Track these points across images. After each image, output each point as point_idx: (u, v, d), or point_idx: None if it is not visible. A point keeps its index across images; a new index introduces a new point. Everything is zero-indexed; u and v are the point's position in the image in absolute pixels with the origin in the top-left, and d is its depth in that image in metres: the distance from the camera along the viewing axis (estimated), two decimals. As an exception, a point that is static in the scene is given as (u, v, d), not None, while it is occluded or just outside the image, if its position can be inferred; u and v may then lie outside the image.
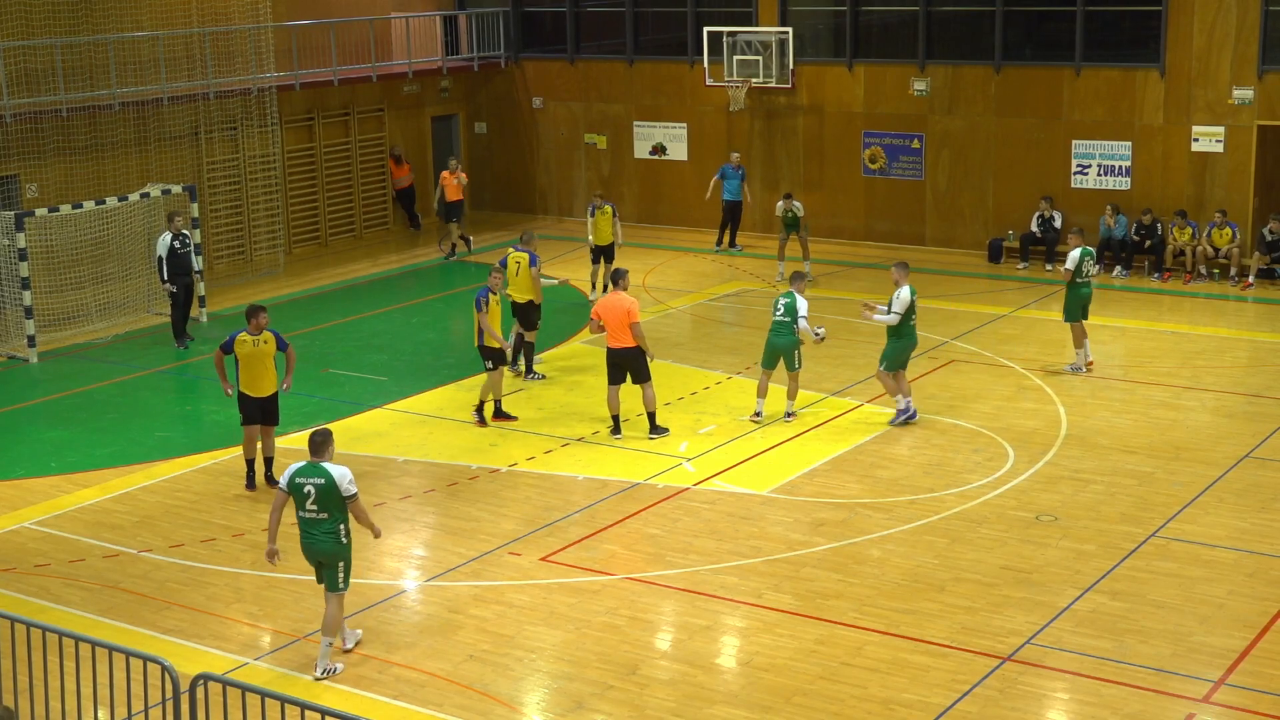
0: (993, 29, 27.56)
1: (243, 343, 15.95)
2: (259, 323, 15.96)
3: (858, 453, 17.21)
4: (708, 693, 11.76)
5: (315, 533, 11.98)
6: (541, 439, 17.97)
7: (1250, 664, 11.99)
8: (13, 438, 18.60)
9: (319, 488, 11.91)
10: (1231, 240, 25.24)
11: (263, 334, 16.00)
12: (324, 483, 11.90)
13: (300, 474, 11.99)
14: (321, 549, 12.00)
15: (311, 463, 12.04)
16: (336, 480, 11.88)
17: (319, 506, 11.92)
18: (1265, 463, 16.65)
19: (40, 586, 13.93)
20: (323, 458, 12.05)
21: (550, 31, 32.94)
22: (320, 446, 12.10)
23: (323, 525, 11.95)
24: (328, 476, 11.91)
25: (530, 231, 21.25)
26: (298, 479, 11.98)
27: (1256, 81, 25.29)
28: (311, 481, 11.93)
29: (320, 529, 11.96)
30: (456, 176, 28.63)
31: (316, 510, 11.93)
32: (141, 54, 25.94)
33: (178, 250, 22.19)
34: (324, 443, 12.13)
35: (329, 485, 11.88)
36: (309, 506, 11.94)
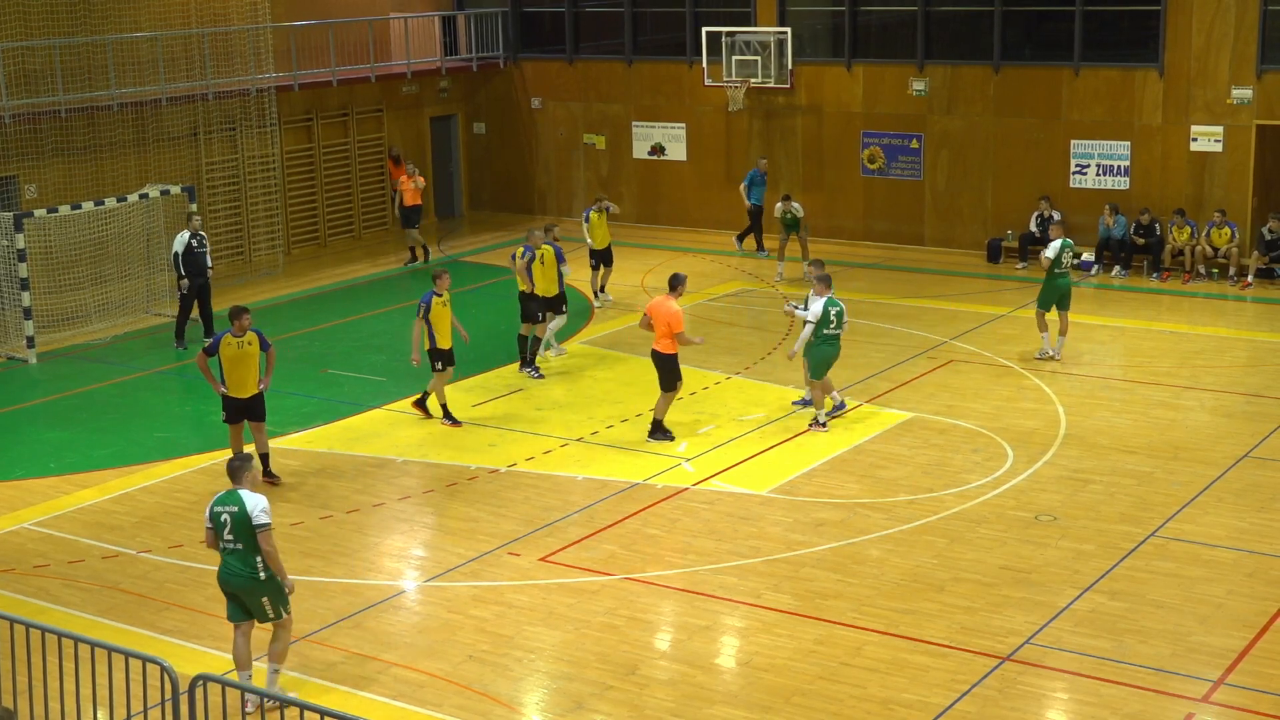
0: (991, 29, 27.57)
1: (228, 344, 15.95)
2: (242, 324, 15.96)
3: (857, 453, 17.22)
4: (707, 693, 11.76)
5: (231, 564, 11.20)
6: (541, 439, 17.97)
7: (1249, 664, 11.99)
8: (12, 438, 18.60)
9: (233, 516, 11.12)
10: (1230, 240, 25.24)
11: (246, 335, 16.02)
12: (237, 511, 11.11)
13: (218, 502, 11.26)
14: (237, 583, 11.23)
15: (229, 490, 11.30)
16: (249, 509, 11.08)
17: (234, 537, 11.14)
18: (1264, 462, 16.65)
19: (39, 587, 13.93)
20: (240, 484, 11.25)
21: (549, 32, 32.94)
22: (237, 472, 11.30)
23: (239, 556, 11.18)
24: (241, 505, 11.11)
25: (553, 225, 21.90)
26: (215, 508, 11.24)
27: (1255, 81, 25.30)
28: (227, 510, 11.15)
29: (236, 560, 11.20)
30: (414, 180, 27.90)
31: (233, 541, 11.15)
32: (140, 55, 25.94)
33: (195, 249, 22.24)
34: (241, 468, 11.32)
35: (242, 514, 11.09)
36: (226, 536, 11.17)
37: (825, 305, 17.73)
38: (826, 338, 17.75)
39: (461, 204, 33.64)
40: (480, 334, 23.31)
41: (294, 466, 17.27)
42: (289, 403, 19.63)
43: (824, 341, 17.77)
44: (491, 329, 23.57)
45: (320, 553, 14.66)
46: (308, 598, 13.61)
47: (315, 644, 12.66)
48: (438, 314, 18.26)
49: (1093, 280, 25.91)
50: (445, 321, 18.35)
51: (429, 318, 18.23)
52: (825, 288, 17.90)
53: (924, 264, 27.45)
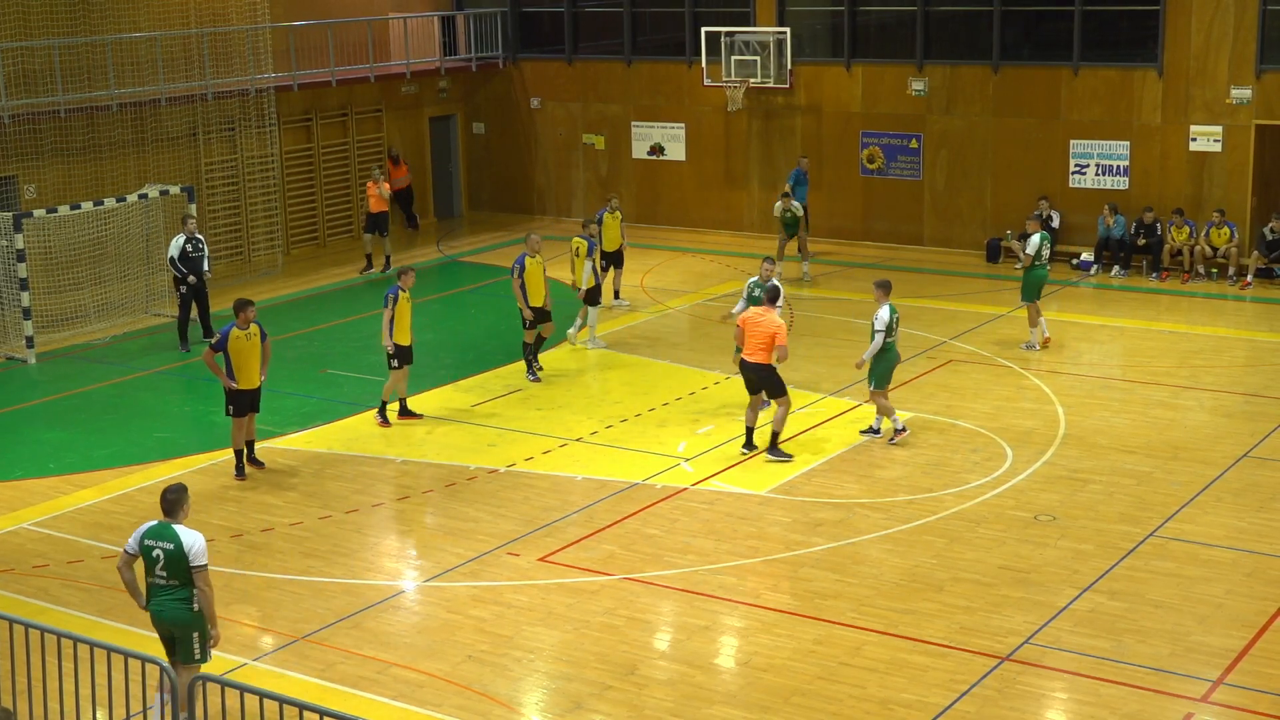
0: (991, 29, 27.57)
1: (236, 338, 16.37)
2: (248, 316, 16.38)
3: (856, 453, 17.22)
4: (706, 693, 11.76)
5: (165, 600, 10.69)
6: (540, 439, 17.97)
7: (1249, 663, 11.99)
8: (11, 439, 18.60)
9: (167, 554, 10.58)
10: (1229, 240, 25.25)
11: (250, 327, 16.48)
12: (173, 549, 10.57)
13: (150, 535, 10.69)
14: (172, 618, 10.69)
15: (163, 523, 10.71)
16: (186, 548, 10.54)
17: (167, 575, 10.62)
18: (1263, 462, 16.66)
19: (39, 587, 13.93)
20: (175, 518, 10.70)
21: (548, 32, 32.95)
22: (174, 506, 10.73)
23: (171, 592, 10.67)
24: (177, 542, 10.56)
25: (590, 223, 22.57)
26: (147, 541, 10.68)
27: (1254, 81, 25.30)
28: (160, 546, 10.60)
29: (170, 596, 10.68)
30: (379, 187, 27.18)
31: (167, 577, 10.63)
32: (139, 55, 25.94)
33: (190, 254, 22.22)
34: (177, 501, 10.76)
35: (177, 553, 10.56)
36: (158, 572, 10.64)
37: (890, 312, 17.31)
38: (889, 344, 17.33)
39: (461, 204, 33.63)
40: (480, 334, 23.36)
41: (293, 466, 17.28)
42: (289, 403, 19.64)
43: (887, 349, 17.33)
44: (491, 329, 23.60)
45: (320, 553, 14.67)
46: (307, 598, 13.62)
47: (314, 644, 12.67)
48: (400, 310, 18.35)
49: (1092, 280, 25.92)
50: (406, 319, 18.45)
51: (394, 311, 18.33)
52: (885, 294, 17.41)
53: (923, 264, 27.45)
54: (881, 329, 17.16)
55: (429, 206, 32.65)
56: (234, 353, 16.35)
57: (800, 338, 22.31)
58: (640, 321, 23.57)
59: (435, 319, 24.46)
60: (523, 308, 19.95)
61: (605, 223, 24.19)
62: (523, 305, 19.94)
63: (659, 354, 21.58)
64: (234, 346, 16.34)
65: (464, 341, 22.90)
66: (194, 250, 22.31)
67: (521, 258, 19.96)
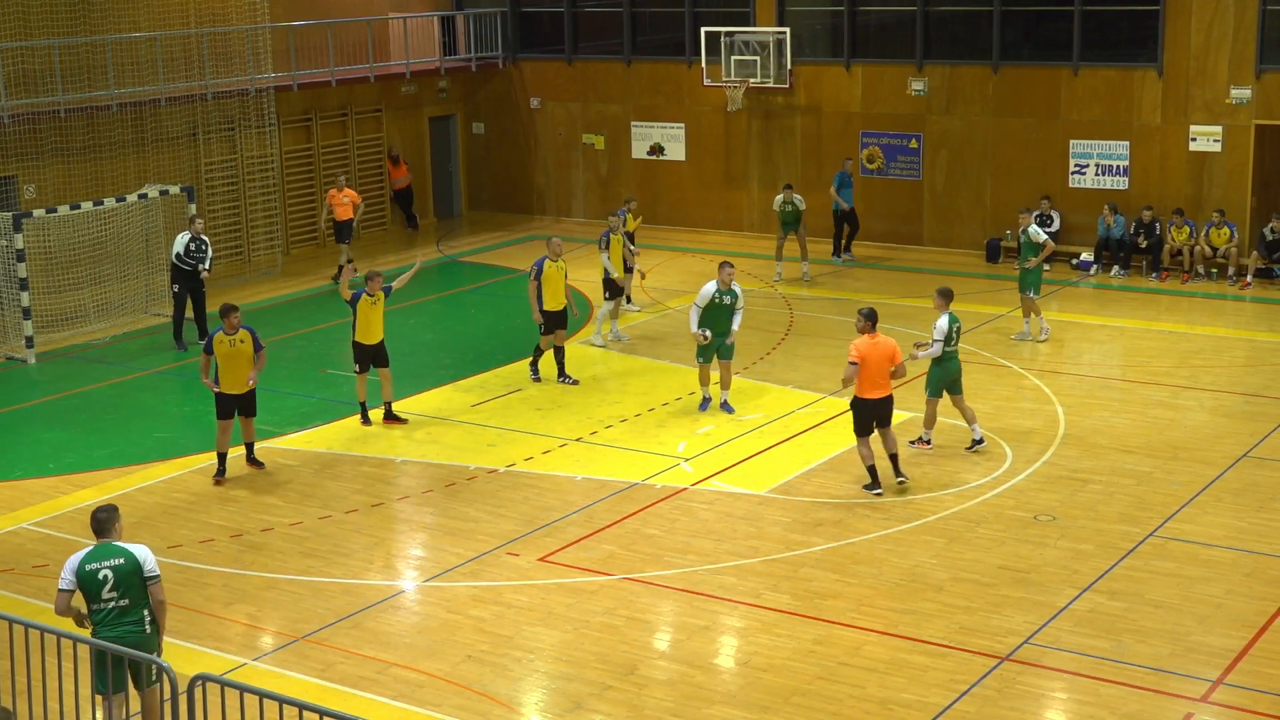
0: (990, 29, 27.58)
1: (220, 342, 16.39)
2: (232, 321, 16.35)
3: (855, 453, 17.19)
4: (706, 693, 11.76)
5: (120, 627, 10.05)
6: (540, 439, 17.97)
7: (1248, 663, 12.00)
8: (11, 439, 18.60)
9: (117, 570, 10.03)
10: (1229, 240, 25.25)
11: (238, 333, 16.43)
12: (123, 563, 10.05)
13: (90, 559, 10.04)
14: (130, 642, 10.03)
15: (102, 544, 10.16)
16: (139, 560, 10.08)
17: (119, 593, 10.04)
18: (1263, 462, 16.66)
19: (38, 587, 13.92)
20: (112, 536, 10.22)
21: (548, 32, 32.95)
22: (106, 524, 10.25)
23: (127, 615, 10.12)
24: (128, 556, 10.08)
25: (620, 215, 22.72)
26: (88, 565, 10.01)
27: (1254, 81, 25.30)
28: (107, 565, 10.03)
29: (127, 622, 10.11)
30: (345, 194, 26.63)
31: (118, 597, 10.04)
32: (139, 55, 25.94)
33: (192, 252, 22.30)
34: (109, 519, 10.28)
35: (130, 565, 10.05)
36: (106, 595, 10.02)
37: (949, 321, 16.94)
38: (948, 354, 16.92)
39: (460, 204, 33.63)
40: (480, 334, 23.36)
41: (293, 466, 17.28)
42: (288, 403, 19.64)
43: (947, 359, 16.93)
44: (491, 329, 23.60)
45: (319, 553, 14.67)
46: (306, 598, 13.62)
47: (314, 644, 12.67)
48: (366, 313, 18.31)
49: (1091, 280, 25.92)
50: (373, 321, 18.37)
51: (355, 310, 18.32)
52: (946, 302, 17.04)
53: (922, 264, 27.45)
54: (940, 338, 16.78)
55: (428, 206, 32.66)
56: (219, 357, 16.42)
57: (800, 338, 22.33)
58: (640, 321, 23.56)
59: (435, 319, 24.48)
60: (534, 310, 19.81)
61: (627, 222, 24.24)
62: (534, 308, 19.79)
63: (659, 354, 21.58)
64: (219, 350, 16.39)
65: (464, 341, 22.90)
66: (196, 249, 22.33)
67: (541, 260, 19.81)
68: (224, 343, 16.37)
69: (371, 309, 18.35)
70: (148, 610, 10.20)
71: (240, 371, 16.46)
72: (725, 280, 18.25)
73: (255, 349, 16.54)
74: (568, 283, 20.13)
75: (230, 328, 16.36)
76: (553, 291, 19.76)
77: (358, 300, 18.30)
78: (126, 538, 10.56)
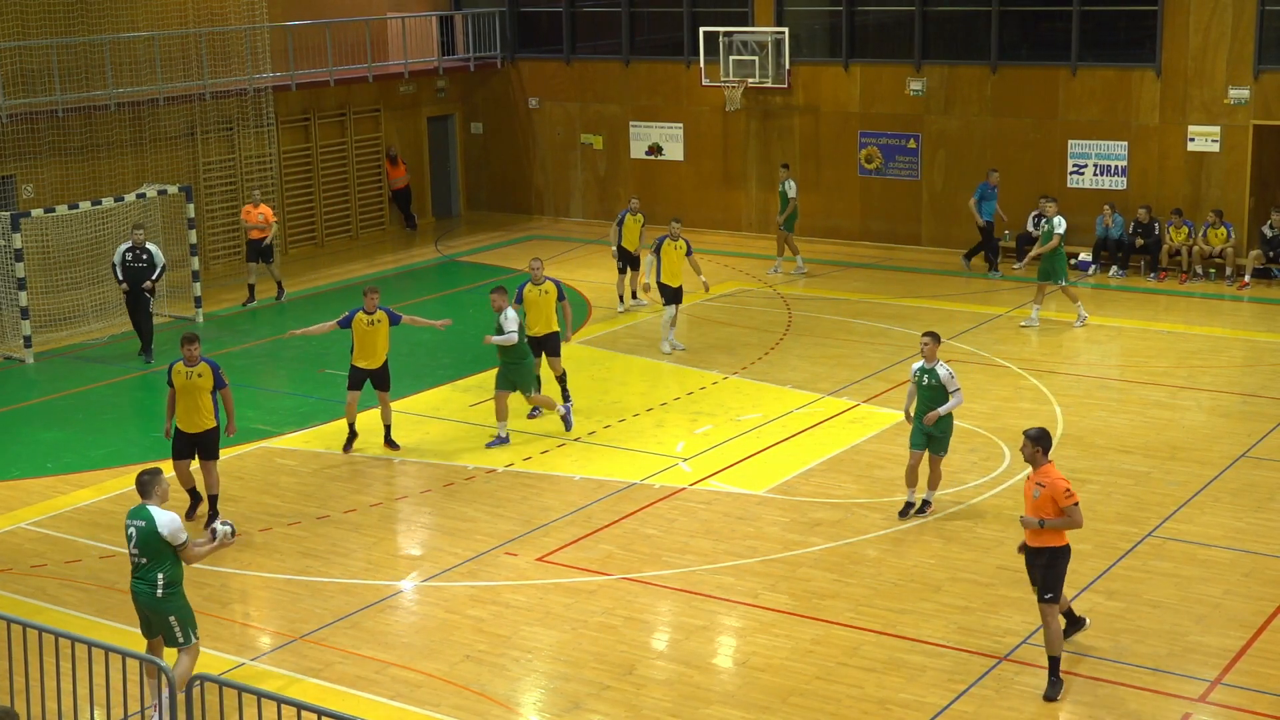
0: (989, 29, 27.58)
1: (177, 373, 14.85)
2: (192, 353, 14.72)
3: (854, 453, 17.22)
4: (704, 693, 11.76)
5: (136, 580, 11.02)
6: (538, 439, 17.97)
7: (1246, 663, 12.00)
8: (9, 438, 18.59)
9: (140, 530, 10.90)
10: (1227, 240, 25.26)
11: (198, 366, 14.78)
12: (145, 525, 10.89)
13: (129, 515, 11.08)
14: (142, 600, 11.03)
15: (139, 505, 11.07)
16: (159, 525, 10.84)
17: (139, 551, 10.93)
18: (1261, 462, 16.66)
19: (37, 587, 13.92)
20: (149, 498, 11.01)
21: (546, 32, 32.94)
22: (146, 486, 11.04)
23: (142, 572, 10.97)
24: (149, 519, 10.88)
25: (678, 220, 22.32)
26: (127, 521, 11.07)
27: (1252, 81, 25.31)
28: (135, 524, 10.95)
29: (140, 577, 10.99)
30: (260, 211, 24.97)
31: (137, 555, 10.95)
32: (137, 54, 25.93)
33: (129, 263, 21.64)
34: (150, 482, 11.04)
35: (150, 530, 10.85)
36: (131, 550, 11.01)
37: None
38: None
39: (459, 204, 33.63)
40: (479, 334, 23.25)
41: (292, 466, 17.27)
42: (287, 403, 19.63)
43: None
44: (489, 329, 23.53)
45: (318, 553, 14.66)
46: (305, 597, 13.62)
47: (313, 644, 12.66)
48: (362, 334, 17.30)
49: (1090, 280, 25.92)
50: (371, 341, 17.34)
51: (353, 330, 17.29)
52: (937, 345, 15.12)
53: (921, 264, 27.45)
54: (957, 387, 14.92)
55: (427, 206, 32.65)
56: (176, 388, 14.85)
57: (799, 337, 22.33)
58: (639, 321, 23.56)
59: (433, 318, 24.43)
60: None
61: (626, 224, 23.97)
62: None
63: (657, 354, 21.57)
64: (175, 382, 14.84)
65: (462, 341, 22.87)
66: (134, 260, 21.65)
67: (521, 285, 18.67)
68: (181, 374, 14.78)
69: (369, 330, 17.21)
70: (163, 574, 10.91)
71: (194, 405, 14.81)
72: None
73: (217, 385, 14.86)
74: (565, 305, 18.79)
75: (190, 359, 14.74)
76: (536, 316, 18.45)
77: (352, 319, 17.27)
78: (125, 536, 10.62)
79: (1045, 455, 11.59)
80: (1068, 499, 11.34)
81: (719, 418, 18.56)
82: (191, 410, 14.86)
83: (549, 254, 28.51)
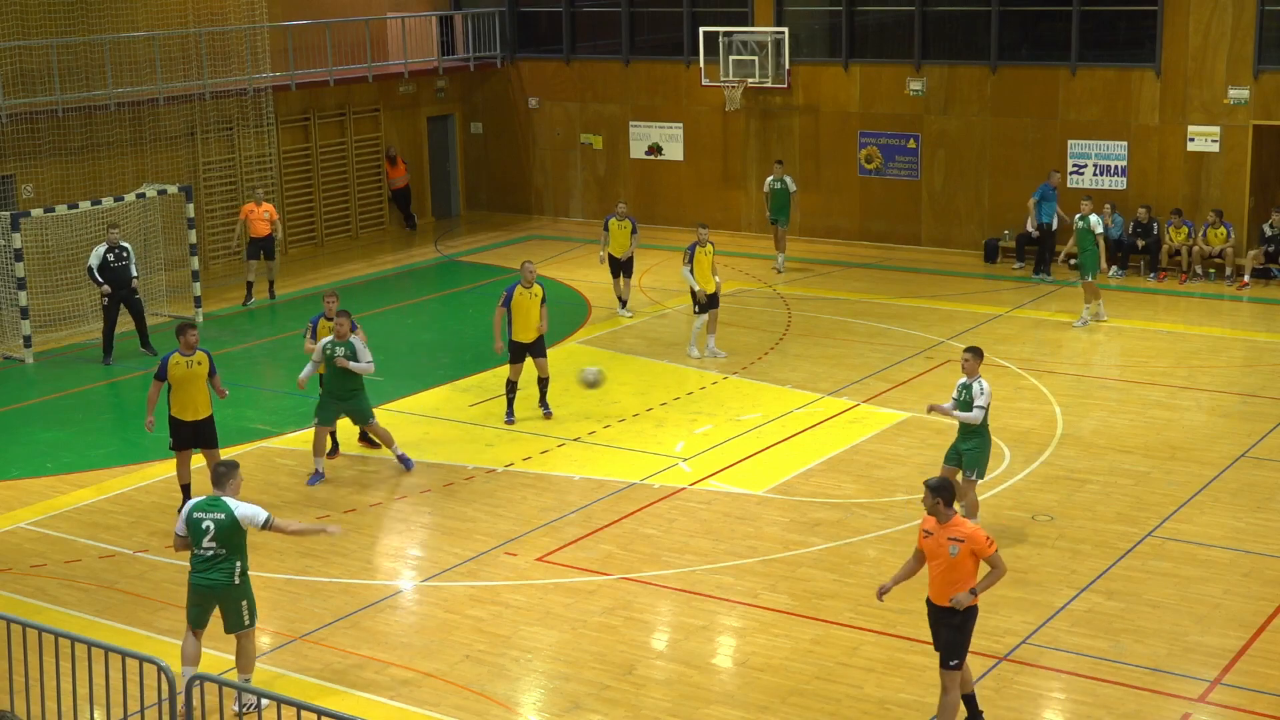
0: (988, 29, 27.58)
1: (175, 364, 14.97)
2: (189, 340, 14.95)
3: (854, 453, 17.22)
4: (704, 693, 11.76)
5: (212, 572, 11.12)
6: (538, 439, 17.97)
7: (1246, 663, 12.00)
8: (8, 438, 18.59)
9: (218, 524, 11.05)
10: (1226, 240, 25.26)
11: (195, 354, 15.06)
12: (224, 518, 11.06)
13: (198, 509, 11.15)
14: (218, 591, 11.15)
15: (212, 496, 11.21)
16: (239, 517, 11.09)
17: (218, 543, 11.07)
18: (1261, 462, 16.66)
19: (36, 587, 13.92)
20: (225, 491, 11.21)
21: (546, 32, 32.94)
22: (223, 478, 11.27)
23: (220, 563, 11.11)
24: (228, 511, 11.08)
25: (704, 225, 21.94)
26: (195, 514, 11.12)
27: (1252, 81, 25.31)
28: (211, 517, 11.08)
29: (218, 568, 11.11)
30: (264, 209, 25.06)
31: (215, 546, 11.08)
32: (137, 54, 25.93)
33: (110, 264, 21.56)
34: (227, 474, 11.29)
35: (230, 521, 11.06)
36: (205, 544, 11.08)
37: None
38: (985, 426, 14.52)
39: (458, 204, 33.62)
40: (478, 334, 23.32)
41: (291, 466, 17.27)
42: (286, 402, 19.63)
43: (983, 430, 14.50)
44: (488, 329, 23.54)
45: (317, 552, 14.66)
46: (305, 597, 13.62)
47: (312, 644, 12.67)
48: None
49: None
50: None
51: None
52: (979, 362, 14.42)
53: (920, 264, 27.46)
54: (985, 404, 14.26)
55: (426, 206, 32.65)
56: (172, 380, 15.00)
57: (798, 337, 22.33)
58: (638, 321, 23.56)
59: (433, 319, 24.47)
60: (496, 340, 18.39)
61: (611, 229, 23.58)
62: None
63: (657, 354, 21.57)
64: (173, 373, 14.96)
65: (461, 341, 22.90)
66: (116, 260, 21.61)
67: (512, 286, 18.29)
68: (180, 364, 14.94)
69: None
70: (240, 562, 11.12)
71: (194, 395, 15.06)
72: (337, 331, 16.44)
73: (211, 373, 15.15)
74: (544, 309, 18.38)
75: (187, 347, 14.95)
76: (524, 321, 18.22)
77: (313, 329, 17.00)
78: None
79: (948, 506, 10.44)
80: (990, 547, 10.32)
81: (719, 418, 18.56)
82: (192, 398, 15.12)
83: (549, 254, 28.56)
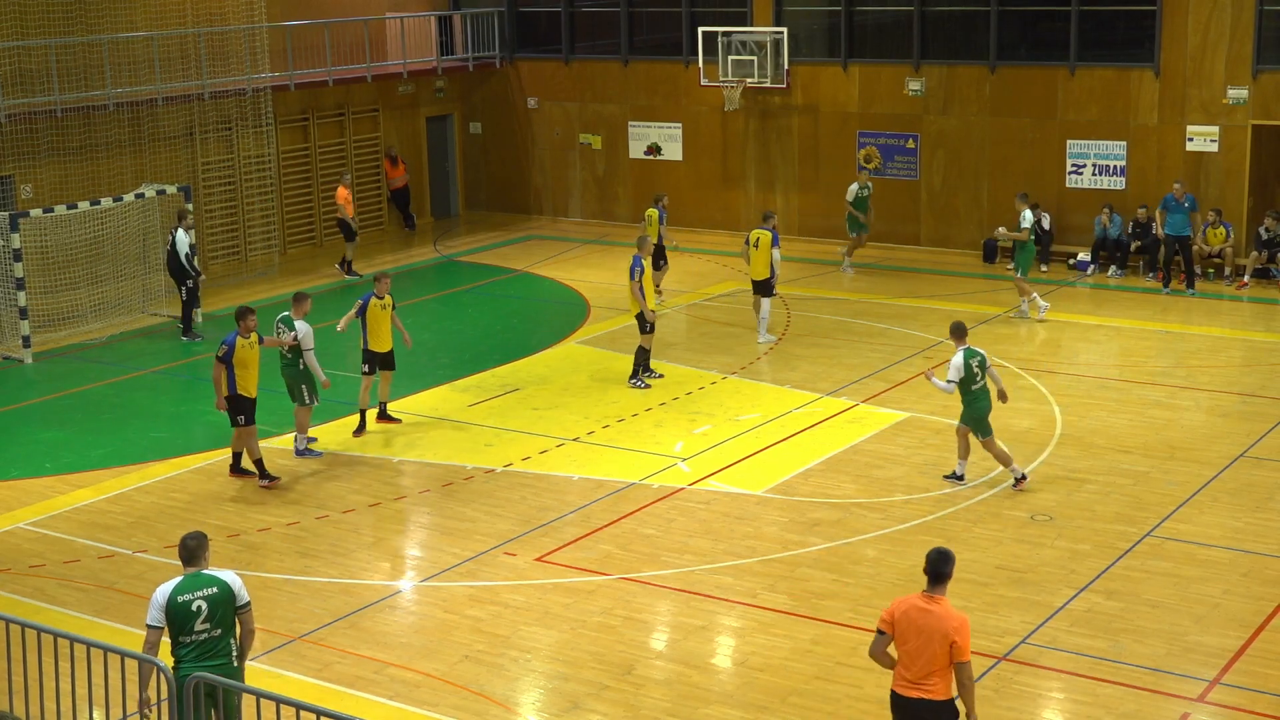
0: (987, 29, 27.58)
1: (243, 346, 16.31)
2: (248, 325, 16.38)
3: (853, 452, 17.22)
4: (703, 693, 11.77)
5: (212, 662, 9.57)
6: (537, 439, 17.97)
7: (1245, 663, 12.00)
8: (8, 438, 18.59)
9: (211, 600, 9.53)
10: (1225, 240, 25.26)
11: (252, 335, 16.46)
12: (217, 591, 9.57)
13: (181, 590, 9.52)
14: (221, 674, 9.57)
15: (192, 573, 9.65)
16: (234, 588, 9.64)
17: (213, 624, 9.56)
18: (1260, 462, 16.67)
19: (36, 587, 13.92)
20: (202, 565, 9.72)
21: (545, 31, 32.94)
22: (196, 552, 9.73)
23: (216, 649, 9.61)
24: (220, 584, 9.60)
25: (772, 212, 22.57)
26: (180, 596, 9.48)
27: (1251, 81, 25.32)
28: (200, 595, 9.51)
29: (213, 654, 9.59)
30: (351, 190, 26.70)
31: (210, 628, 9.56)
32: (136, 54, 25.92)
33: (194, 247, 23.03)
34: (199, 547, 9.76)
35: (224, 595, 9.58)
36: (199, 626, 9.52)
37: (964, 358, 15.62)
38: (975, 393, 15.70)
39: (458, 204, 33.63)
40: (477, 334, 23.36)
41: (290, 466, 17.27)
42: (286, 403, 19.60)
43: (976, 398, 15.72)
44: (487, 329, 23.60)
45: (316, 553, 14.67)
46: (304, 598, 13.62)
47: (311, 644, 12.67)
48: (376, 317, 18.22)
49: (1089, 280, 25.93)
50: (384, 326, 18.29)
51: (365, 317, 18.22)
52: (961, 339, 15.87)
53: (919, 264, 27.46)
54: (955, 378, 15.54)
55: (425, 206, 32.65)
56: (237, 362, 16.25)
57: (798, 337, 22.33)
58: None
59: (432, 319, 24.46)
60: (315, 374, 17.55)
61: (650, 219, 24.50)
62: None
63: (656, 354, 21.54)
64: (241, 355, 16.28)
65: (460, 341, 22.90)
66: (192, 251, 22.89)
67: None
68: (245, 347, 16.33)
69: (382, 314, 18.24)
70: (234, 639, 9.73)
71: (254, 373, 16.48)
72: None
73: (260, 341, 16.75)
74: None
75: (246, 330, 16.33)
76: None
77: (366, 306, 18.17)
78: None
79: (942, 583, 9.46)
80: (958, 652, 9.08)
81: (718, 418, 18.56)
82: (254, 377, 16.47)
83: (548, 254, 28.55)
